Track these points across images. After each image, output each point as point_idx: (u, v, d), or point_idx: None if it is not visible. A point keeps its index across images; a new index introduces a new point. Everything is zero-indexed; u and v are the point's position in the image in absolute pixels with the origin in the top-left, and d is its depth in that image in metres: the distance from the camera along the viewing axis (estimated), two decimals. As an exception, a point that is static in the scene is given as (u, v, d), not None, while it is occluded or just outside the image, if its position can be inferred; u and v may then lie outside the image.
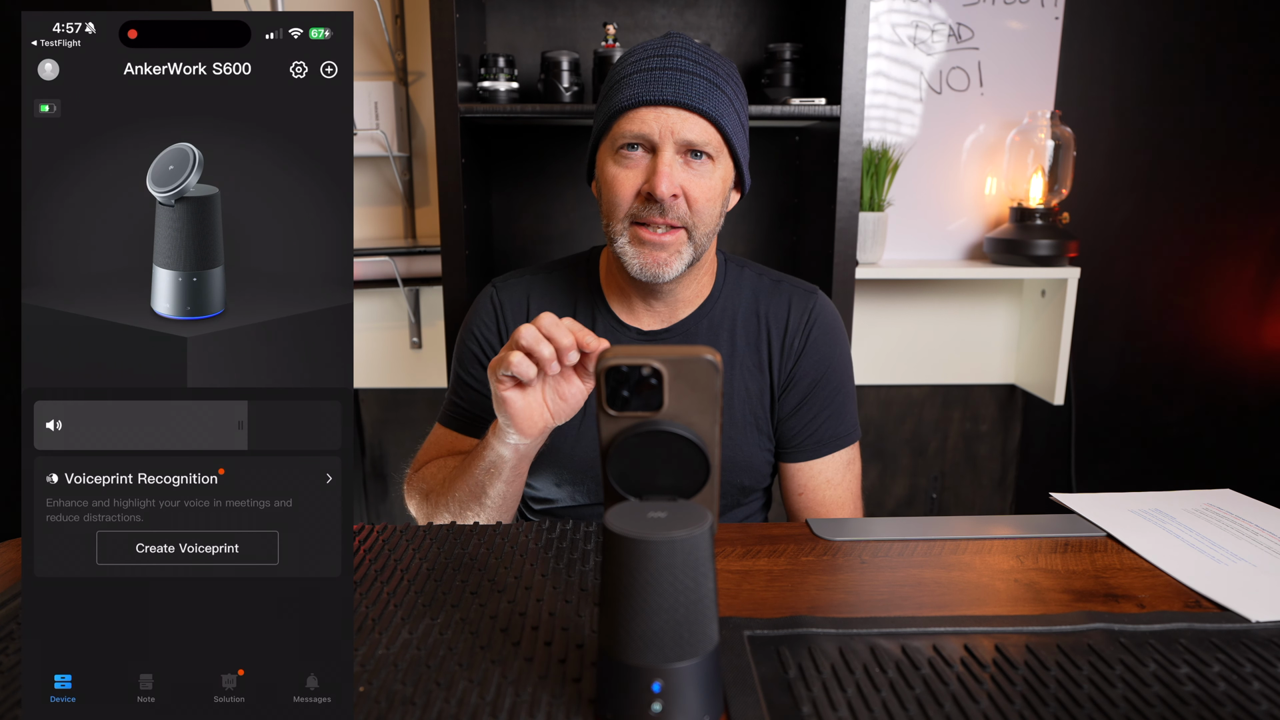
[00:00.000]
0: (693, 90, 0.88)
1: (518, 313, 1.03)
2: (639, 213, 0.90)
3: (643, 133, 0.89)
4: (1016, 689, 0.53)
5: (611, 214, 0.92)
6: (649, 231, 0.90)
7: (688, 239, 0.91)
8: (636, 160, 0.90)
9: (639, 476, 0.55)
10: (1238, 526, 0.79)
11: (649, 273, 0.92)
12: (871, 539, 0.78)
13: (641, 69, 0.90)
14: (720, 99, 0.90)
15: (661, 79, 0.88)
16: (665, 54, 0.90)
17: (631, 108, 0.89)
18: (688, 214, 0.90)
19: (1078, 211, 1.87)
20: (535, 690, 0.53)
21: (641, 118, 0.89)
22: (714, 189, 0.92)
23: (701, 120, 0.89)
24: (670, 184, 0.88)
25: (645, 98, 0.88)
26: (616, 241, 0.93)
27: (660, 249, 0.91)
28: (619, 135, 0.90)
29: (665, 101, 0.88)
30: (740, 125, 0.94)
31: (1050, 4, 1.81)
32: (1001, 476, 2.09)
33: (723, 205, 0.95)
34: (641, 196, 0.90)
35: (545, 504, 1.05)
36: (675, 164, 0.89)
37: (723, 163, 0.93)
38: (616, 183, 0.91)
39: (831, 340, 1.02)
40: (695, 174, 0.90)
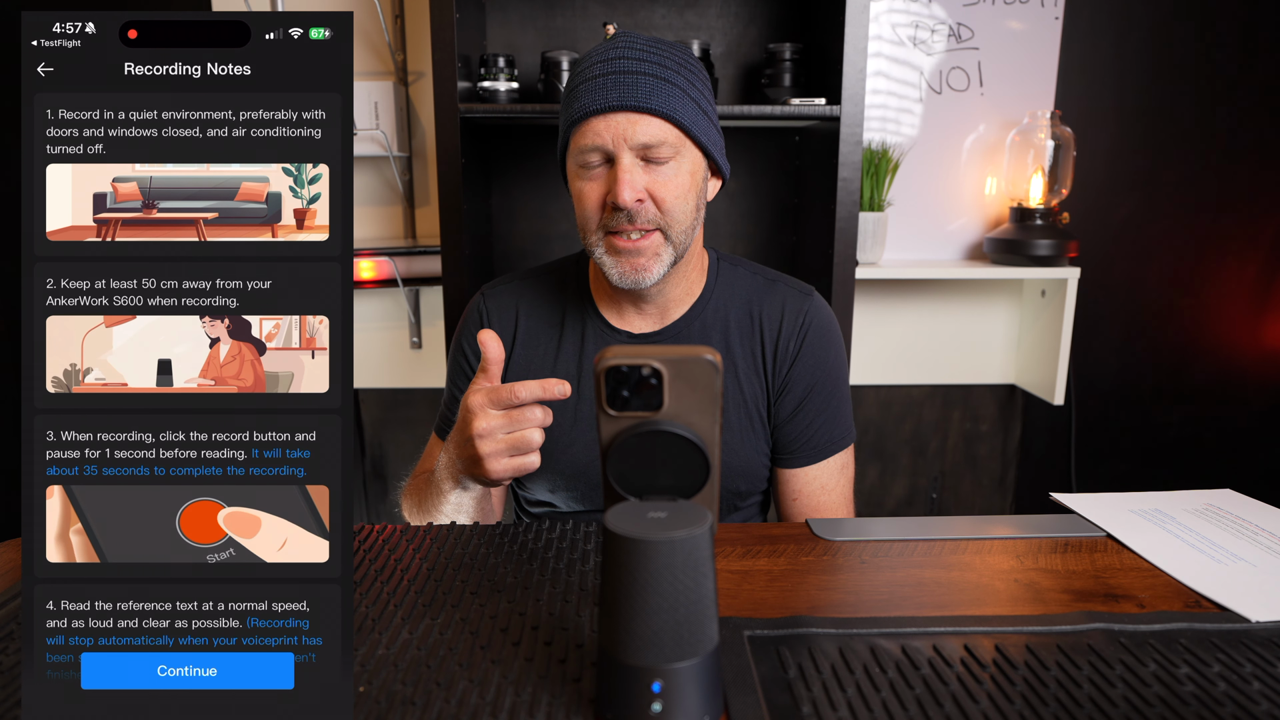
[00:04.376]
0: (638, 91, 0.86)
1: (505, 322, 1.02)
2: (609, 223, 0.89)
3: (596, 144, 0.87)
4: (1016, 689, 0.53)
5: (585, 227, 0.92)
6: (622, 239, 0.89)
7: (665, 240, 0.90)
8: (598, 172, 0.89)
9: (639, 476, 0.55)
10: (1238, 526, 0.79)
11: (629, 280, 0.91)
12: (871, 539, 0.78)
13: (587, 78, 0.88)
14: (671, 91, 0.87)
15: (605, 85, 0.87)
16: (608, 58, 0.88)
17: (582, 120, 0.88)
18: (658, 216, 0.89)
19: (1078, 211, 1.87)
20: (535, 690, 0.53)
21: (594, 129, 0.87)
22: (681, 186, 0.90)
23: (654, 119, 0.87)
24: (632, 190, 0.86)
25: (591, 107, 0.87)
26: (594, 253, 0.92)
27: (637, 255, 0.90)
28: (577, 150, 0.90)
29: (611, 108, 0.86)
30: (701, 112, 0.91)
31: (1050, 4, 1.81)
32: (1001, 476, 2.09)
33: (698, 199, 0.93)
34: (609, 207, 0.89)
35: (542, 506, 1.05)
36: (635, 169, 0.87)
37: (688, 156, 0.90)
38: (583, 196, 0.90)
39: (827, 344, 1.00)
40: (658, 174, 0.89)
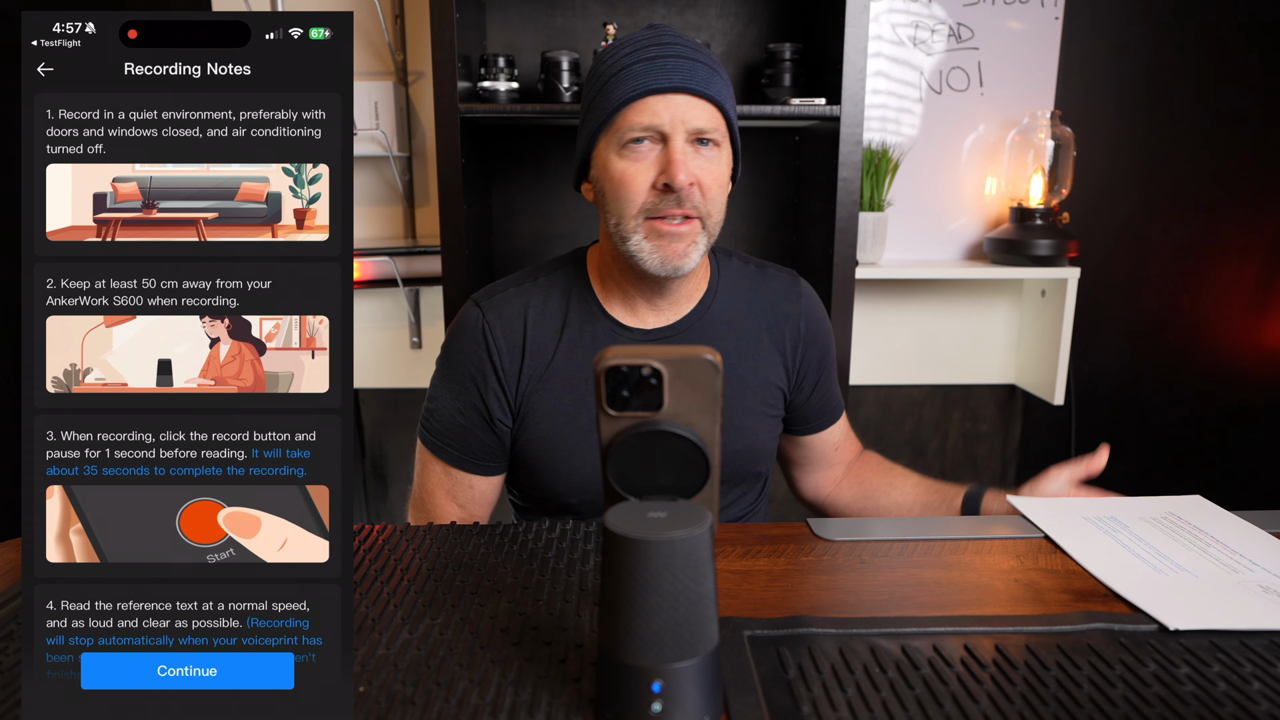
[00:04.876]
0: (697, 76, 0.86)
1: (512, 333, 0.96)
2: (655, 206, 0.88)
3: (653, 124, 0.86)
4: (1016, 689, 0.53)
5: (623, 212, 0.89)
6: (666, 224, 0.88)
7: (702, 229, 0.90)
8: (645, 153, 0.87)
9: (639, 476, 0.55)
10: (1190, 536, 0.77)
11: (670, 266, 0.89)
12: (871, 539, 0.78)
13: (641, 59, 0.87)
14: (721, 84, 0.89)
15: (666, 66, 0.86)
16: (661, 42, 0.88)
17: (637, 98, 0.86)
18: (702, 203, 0.88)
19: (1078, 211, 1.87)
20: (535, 690, 0.53)
21: (650, 108, 0.85)
22: (723, 175, 0.91)
23: (709, 106, 0.87)
24: (688, 173, 0.86)
25: (652, 86, 0.85)
26: (630, 240, 0.89)
27: (678, 240, 0.88)
28: (626, 129, 0.87)
29: (674, 88, 0.85)
30: (734, 112, 0.93)
31: (1050, 4, 1.81)
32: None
33: (727, 193, 0.94)
34: (657, 189, 0.87)
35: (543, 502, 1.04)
36: (689, 151, 0.87)
37: (726, 149, 0.92)
38: (627, 178, 0.88)
39: (822, 317, 1.07)
40: (706, 161, 0.88)
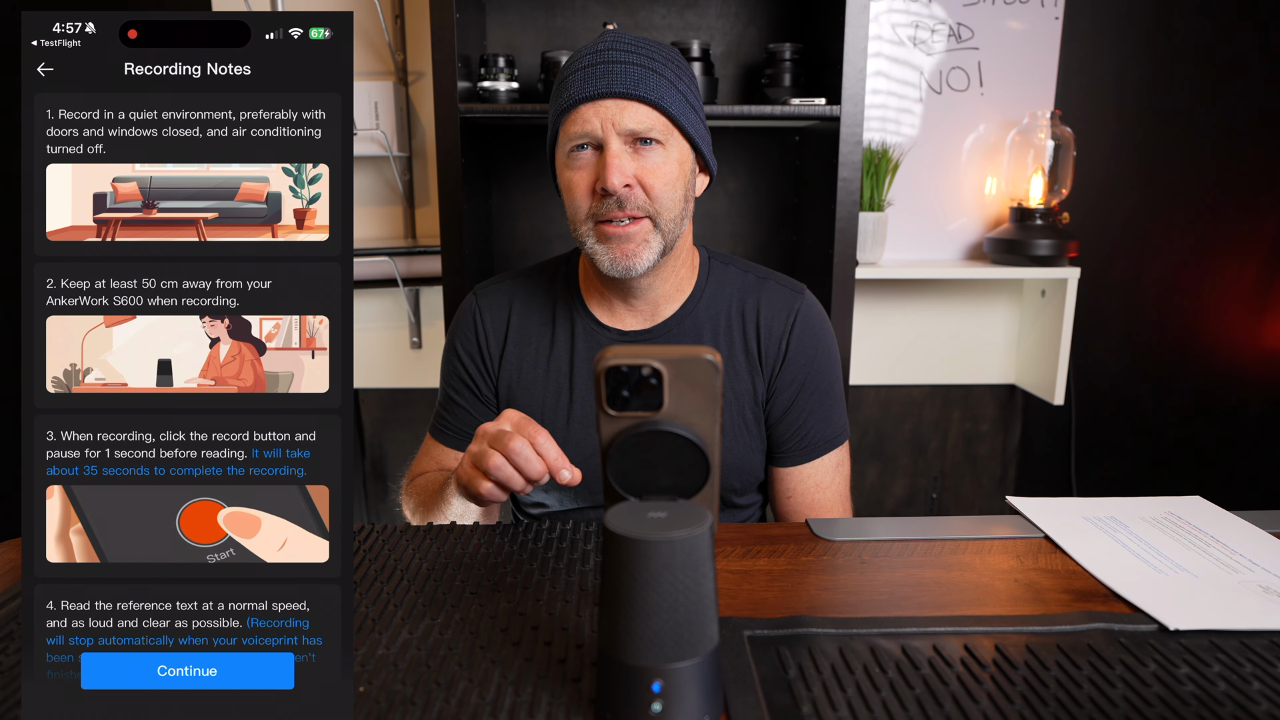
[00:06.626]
0: (626, 78, 0.88)
1: (498, 323, 1.03)
2: (599, 210, 0.90)
3: (586, 131, 0.89)
4: (1016, 689, 0.53)
5: (574, 217, 0.93)
6: (613, 226, 0.90)
7: (653, 227, 0.91)
8: (587, 160, 0.90)
9: (639, 476, 0.55)
10: (1190, 537, 0.77)
11: (620, 267, 0.91)
12: (871, 539, 0.78)
13: (576, 69, 0.90)
14: (658, 82, 0.89)
15: (595, 74, 0.88)
16: (598, 50, 0.90)
17: (571, 108, 0.89)
18: (647, 202, 0.90)
19: (1078, 211, 1.87)
20: (535, 690, 0.53)
21: (583, 116, 0.89)
22: (670, 173, 0.91)
23: (641, 106, 0.88)
24: (620, 175, 0.87)
25: (581, 95, 0.88)
26: (585, 243, 0.93)
27: (626, 240, 0.90)
28: (565, 140, 0.91)
29: (600, 95, 0.88)
30: (688, 105, 0.92)
31: (1050, 4, 1.81)
32: (1001, 476, 2.09)
33: (685, 189, 0.94)
34: (598, 194, 0.90)
35: (539, 508, 1.05)
36: (623, 154, 0.89)
37: (675, 145, 0.92)
38: (572, 185, 0.91)
39: (817, 341, 1.00)
40: (646, 160, 0.90)
